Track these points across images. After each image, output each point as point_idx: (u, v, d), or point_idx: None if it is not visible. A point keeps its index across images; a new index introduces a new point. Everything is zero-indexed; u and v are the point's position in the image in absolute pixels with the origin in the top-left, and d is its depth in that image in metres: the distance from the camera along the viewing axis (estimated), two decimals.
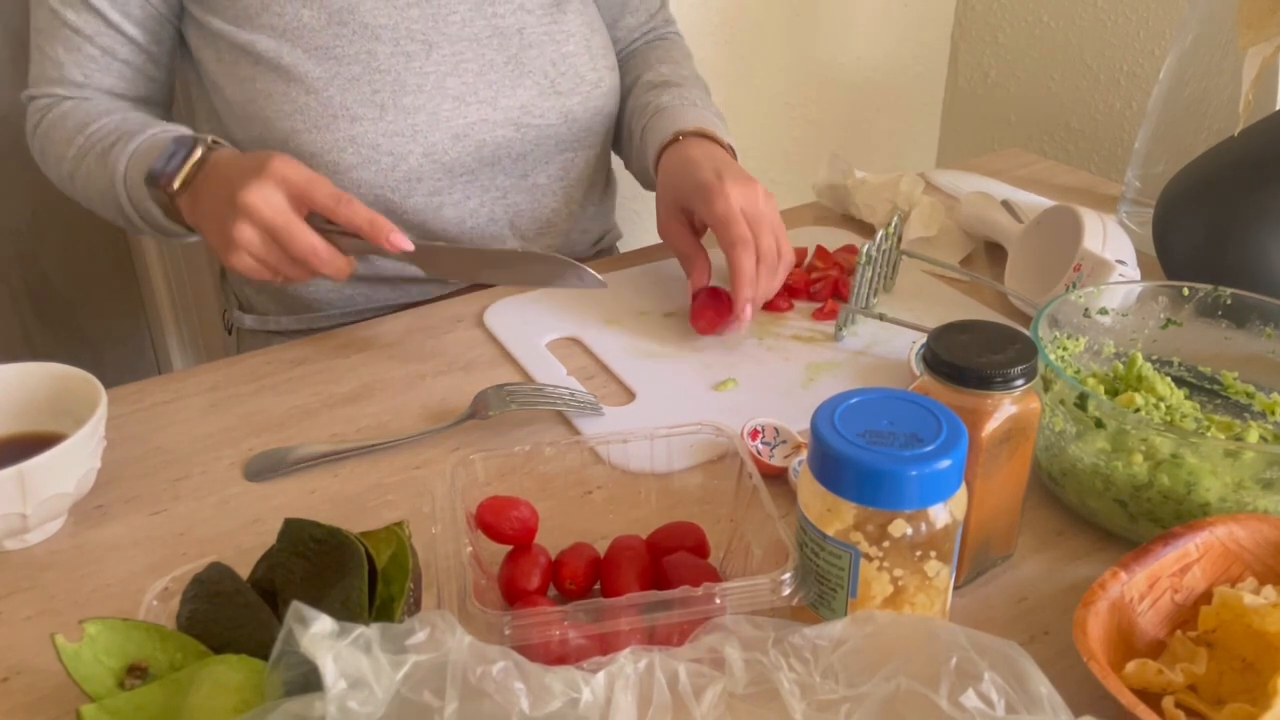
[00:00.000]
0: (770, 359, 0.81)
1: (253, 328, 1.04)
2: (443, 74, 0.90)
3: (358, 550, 0.50)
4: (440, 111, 0.91)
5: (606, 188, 1.09)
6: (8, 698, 0.54)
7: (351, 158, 0.89)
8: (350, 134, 0.88)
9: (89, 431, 0.62)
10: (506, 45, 0.93)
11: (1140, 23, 1.48)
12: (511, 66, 0.93)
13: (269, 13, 0.86)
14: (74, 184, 0.90)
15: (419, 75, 0.89)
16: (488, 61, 0.92)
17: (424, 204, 0.93)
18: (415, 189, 0.92)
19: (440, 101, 0.90)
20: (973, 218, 1.00)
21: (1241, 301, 0.70)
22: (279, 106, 0.87)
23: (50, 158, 0.91)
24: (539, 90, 0.95)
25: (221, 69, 0.90)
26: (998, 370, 0.53)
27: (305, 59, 0.86)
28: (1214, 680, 0.51)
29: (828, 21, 1.61)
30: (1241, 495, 0.58)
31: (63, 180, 0.92)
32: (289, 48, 0.87)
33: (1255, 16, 0.76)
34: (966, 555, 0.57)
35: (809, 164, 1.68)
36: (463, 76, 0.91)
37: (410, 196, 0.92)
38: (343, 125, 0.88)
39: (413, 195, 0.92)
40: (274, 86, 0.87)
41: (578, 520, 0.63)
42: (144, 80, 0.93)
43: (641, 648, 0.45)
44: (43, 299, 1.39)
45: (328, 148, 0.88)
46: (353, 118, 0.88)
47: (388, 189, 0.91)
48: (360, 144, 0.88)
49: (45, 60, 0.90)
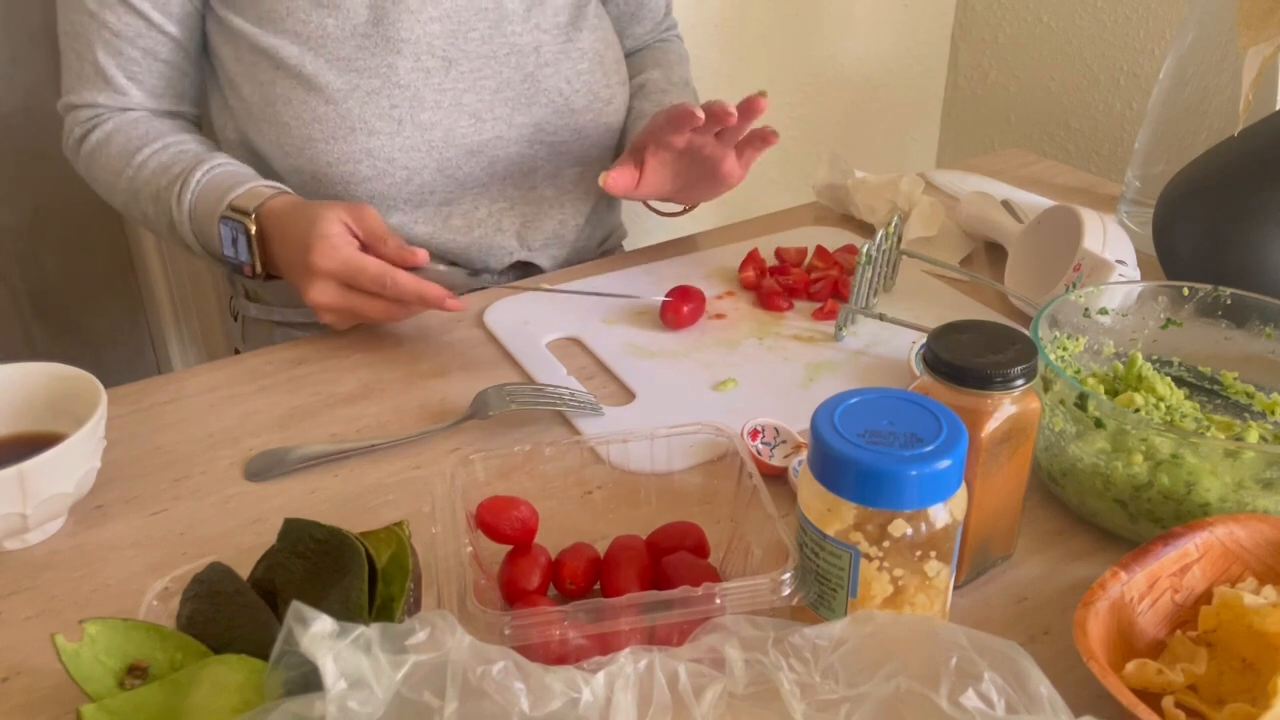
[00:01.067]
0: (770, 359, 0.81)
1: (257, 316, 1.05)
2: (460, 91, 0.91)
3: (358, 550, 0.50)
4: (456, 128, 0.91)
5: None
6: (8, 698, 0.54)
7: (366, 170, 0.89)
8: (366, 147, 0.88)
9: (89, 431, 0.62)
10: (523, 64, 0.94)
11: (1140, 23, 1.48)
12: (527, 85, 0.94)
13: (293, 18, 0.86)
14: (128, 213, 0.93)
15: (437, 91, 0.90)
16: (504, 79, 0.93)
17: (433, 214, 0.94)
18: (426, 200, 0.93)
19: (457, 118, 0.91)
20: (973, 218, 1.00)
21: (1241, 301, 0.70)
22: (297, 113, 0.88)
23: (101, 185, 0.93)
24: (553, 109, 0.95)
25: (240, 69, 0.90)
26: (998, 370, 0.53)
27: (326, 69, 0.87)
28: (1214, 680, 0.51)
29: (827, 21, 1.61)
30: (1241, 495, 0.58)
31: (113, 202, 0.94)
32: (311, 56, 0.87)
33: (1255, 17, 0.76)
34: (966, 555, 0.57)
35: (809, 164, 1.68)
36: (479, 94, 0.92)
37: (421, 207, 0.93)
38: (359, 138, 0.88)
39: (423, 206, 0.93)
40: (293, 93, 0.87)
41: (578, 520, 0.63)
42: (182, 79, 0.93)
43: (641, 648, 0.45)
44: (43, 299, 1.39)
45: (343, 159, 0.88)
46: (370, 131, 0.88)
47: (400, 200, 0.91)
48: (376, 157, 0.89)
49: (84, 65, 0.89)
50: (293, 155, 0.89)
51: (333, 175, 0.89)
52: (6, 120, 1.24)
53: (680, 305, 0.85)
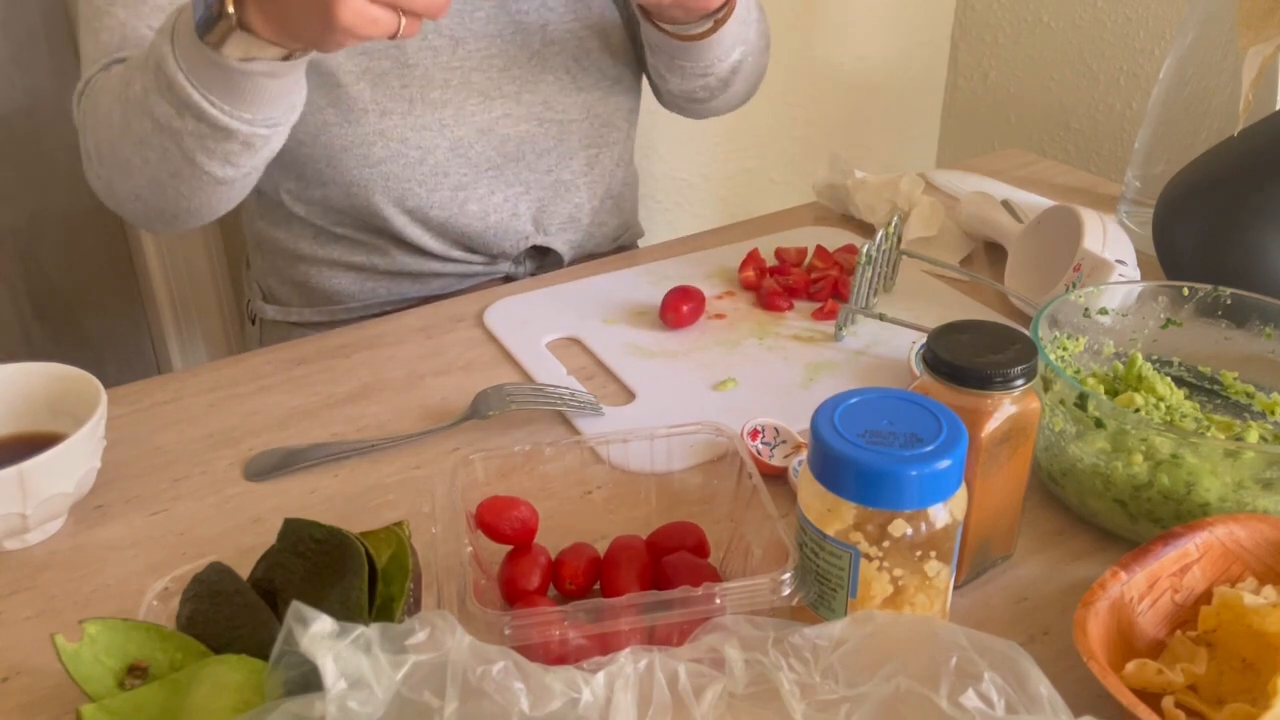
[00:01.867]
0: (770, 359, 0.81)
1: (275, 319, 1.05)
2: (468, 69, 0.92)
3: (358, 550, 0.50)
4: (466, 106, 0.92)
5: (628, 184, 1.09)
6: (8, 698, 0.54)
7: (380, 151, 0.90)
8: (379, 128, 0.89)
9: (89, 431, 0.62)
10: (529, 41, 0.95)
11: (1140, 23, 1.48)
12: (535, 62, 0.95)
13: None
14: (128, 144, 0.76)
15: (446, 70, 0.91)
16: (511, 57, 0.94)
17: (449, 198, 0.94)
18: (441, 183, 0.93)
19: (466, 96, 0.92)
20: (973, 218, 1.00)
21: (1241, 301, 0.70)
22: (312, 99, 0.87)
23: (100, 126, 0.78)
24: (560, 86, 0.96)
25: None
26: (998, 370, 0.53)
27: (339, 52, 0.87)
28: (1214, 680, 0.51)
29: (827, 22, 1.61)
30: (1241, 495, 0.58)
31: (116, 145, 0.77)
32: None
33: (1255, 17, 0.76)
34: (966, 555, 0.57)
35: (809, 164, 1.68)
36: (487, 72, 0.93)
37: (436, 190, 0.93)
38: (372, 119, 0.89)
39: (439, 190, 0.93)
40: (308, 79, 0.86)
41: (578, 520, 0.63)
42: None
43: (641, 648, 0.45)
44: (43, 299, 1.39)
45: (358, 141, 0.89)
46: (382, 111, 0.89)
47: (414, 182, 0.92)
48: (389, 137, 0.90)
49: (101, 33, 0.82)
50: (307, 143, 0.89)
51: (347, 159, 0.90)
52: (6, 120, 1.24)
53: (679, 305, 0.85)
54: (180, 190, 0.77)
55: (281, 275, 1.02)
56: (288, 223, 0.98)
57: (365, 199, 0.92)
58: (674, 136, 1.55)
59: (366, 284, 0.99)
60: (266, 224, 1.00)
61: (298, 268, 1.00)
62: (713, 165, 1.61)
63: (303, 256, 0.99)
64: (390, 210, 0.93)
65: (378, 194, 0.91)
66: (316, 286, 1.00)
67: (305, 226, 0.97)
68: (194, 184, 0.76)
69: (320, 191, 0.93)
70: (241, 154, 0.74)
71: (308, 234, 0.98)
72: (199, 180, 0.76)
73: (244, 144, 0.73)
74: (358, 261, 0.98)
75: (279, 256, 1.02)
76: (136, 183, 0.77)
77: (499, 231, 0.97)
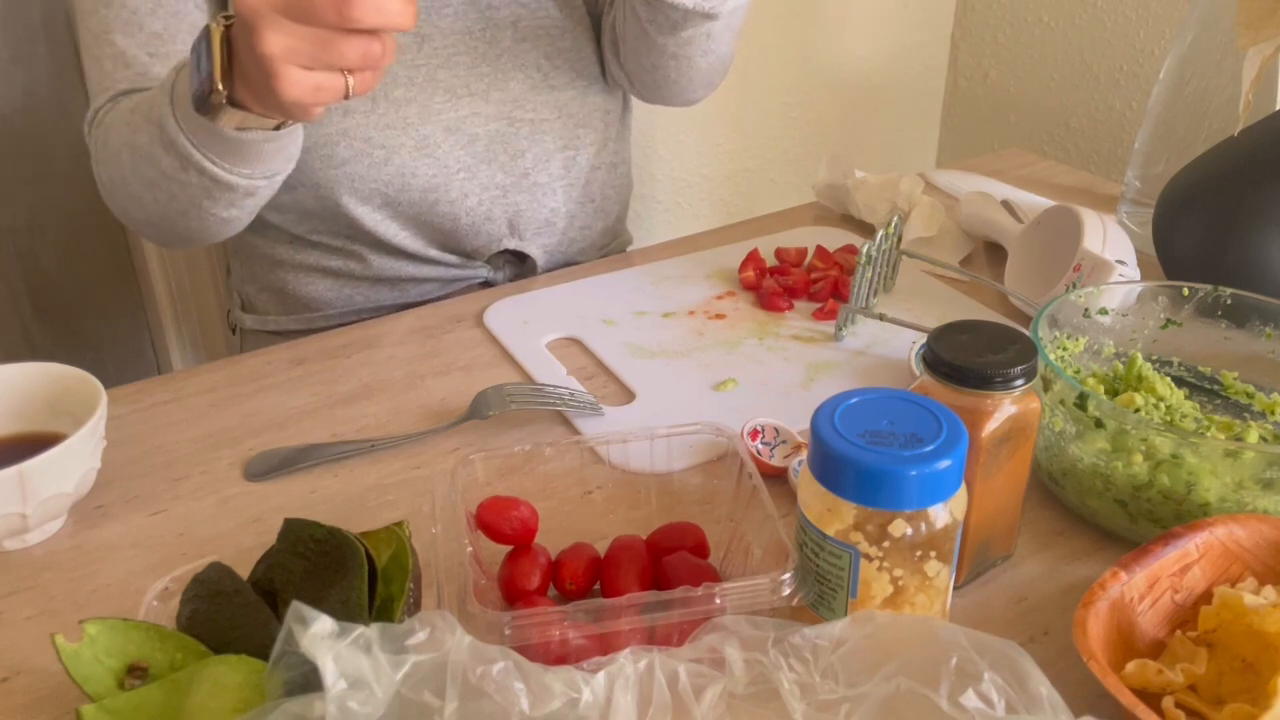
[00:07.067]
0: (770, 359, 0.81)
1: (253, 328, 1.04)
2: (434, 66, 0.91)
3: (358, 550, 0.50)
4: (431, 104, 0.91)
5: (615, 187, 1.08)
6: (8, 698, 0.54)
7: (345, 151, 0.89)
8: (342, 127, 0.88)
9: (89, 431, 0.62)
10: (499, 38, 0.93)
11: (1140, 23, 1.48)
12: (505, 59, 0.93)
13: None
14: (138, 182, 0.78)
15: (410, 68, 0.90)
16: (480, 54, 0.92)
17: (419, 199, 0.93)
18: (410, 184, 0.92)
19: (431, 94, 0.91)
20: (973, 218, 1.00)
21: (1241, 301, 0.70)
22: None
23: (111, 158, 0.81)
24: (531, 84, 0.95)
25: None
26: (998, 370, 0.53)
27: None
28: (1214, 680, 0.51)
29: (827, 22, 1.61)
30: (1241, 495, 0.58)
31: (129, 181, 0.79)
32: None
33: (1255, 17, 0.76)
34: (966, 555, 0.57)
35: (809, 164, 1.68)
36: (454, 70, 0.91)
37: (405, 191, 0.92)
38: (335, 118, 0.88)
39: (408, 190, 0.92)
40: None
41: (578, 520, 0.63)
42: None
43: (641, 648, 0.45)
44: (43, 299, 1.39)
45: (322, 141, 0.88)
46: (345, 110, 0.88)
47: (381, 183, 0.91)
48: (352, 137, 0.89)
49: (104, 61, 0.83)
50: None
51: (311, 161, 0.88)
52: (7, 120, 1.24)
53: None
54: (190, 225, 0.81)
55: (260, 282, 1.02)
56: (264, 228, 0.97)
57: (334, 200, 0.91)
58: (674, 136, 1.55)
59: (344, 290, 0.98)
60: (244, 230, 0.99)
61: (275, 274, 1.00)
62: (712, 165, 1.61)
63: (280, 262, 0.99)
64: (360, 210, 0.92)
65: (345, 194, 0.91)
66: (293, 293, 0.99)
67: (280, 233, 0.97)
68: (202, 221, 0.81)
69: (290, 196, 0.92)
70: (244, 200, 0.79)
71: (284, 239, 0.98)
72: (206, 219, 0.80)
73: (246, 193, 0.77)
74: (334, 267, 0.97)
75: (257, 263, 1.01)
76: (148, 214, 0.81)
77: (471, 235, 0.96)
